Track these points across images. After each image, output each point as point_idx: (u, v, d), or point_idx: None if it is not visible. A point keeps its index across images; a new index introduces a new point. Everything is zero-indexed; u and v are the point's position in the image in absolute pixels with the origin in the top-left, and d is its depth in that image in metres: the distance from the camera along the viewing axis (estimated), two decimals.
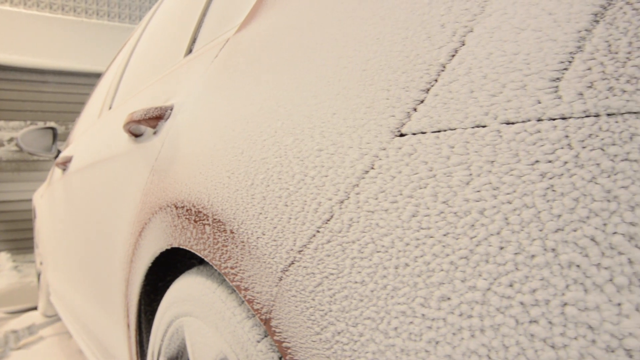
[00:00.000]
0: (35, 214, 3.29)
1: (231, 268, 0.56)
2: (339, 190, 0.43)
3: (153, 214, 0.84)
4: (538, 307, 0.28)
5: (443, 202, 0.34)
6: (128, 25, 6.94)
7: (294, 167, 0.49)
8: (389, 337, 0.36)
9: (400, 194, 0.37)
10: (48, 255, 2.51)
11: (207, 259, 0.62)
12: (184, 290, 0.74)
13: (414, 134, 0.38)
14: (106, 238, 1.19)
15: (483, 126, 0.34)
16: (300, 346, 0.45)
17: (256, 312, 0.51)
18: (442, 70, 0.38)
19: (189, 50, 1.07)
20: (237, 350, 0.58)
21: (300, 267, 0.45)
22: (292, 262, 0.46)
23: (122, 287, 1.05)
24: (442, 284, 0.33)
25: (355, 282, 0.39)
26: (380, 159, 0.40)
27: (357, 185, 0.41)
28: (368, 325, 0.38)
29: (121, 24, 6.89)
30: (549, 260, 0.28)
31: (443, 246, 0.33)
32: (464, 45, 0.37)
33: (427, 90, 0.38)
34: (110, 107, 1.71)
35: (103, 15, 6.79)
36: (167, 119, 0.93)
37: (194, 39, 1.07)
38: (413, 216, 0.36)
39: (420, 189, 0.36)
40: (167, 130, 0.89)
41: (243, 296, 0.54)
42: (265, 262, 0.50)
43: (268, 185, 0.52)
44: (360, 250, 0.39)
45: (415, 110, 0.39)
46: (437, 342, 0.33)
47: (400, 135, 0.39)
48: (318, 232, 0.44)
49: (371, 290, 0.38)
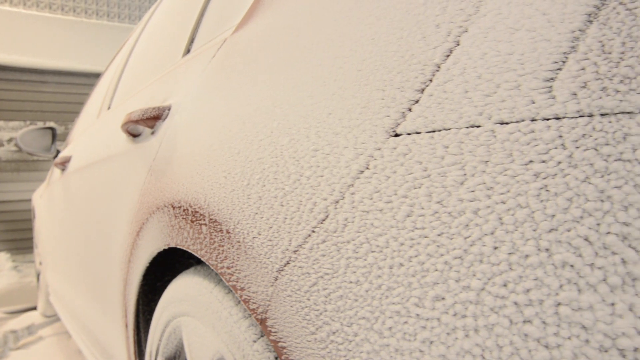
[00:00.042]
0: (34, 214, 3.29)
1: (227, 268, 0.56)
2: (334, 190, 0.43)
3: (150, 214, 0.83)
4: (532, 307, 0.28)
5: (437, 202, 0.34)
6: (127, 25, 6.94)
7: (290, 167, 0.49)
8: (384, 337, 0.36)
9: (395, 194, 0.37)
10: (47, 255, 2.51)
11: (203, 259, 0.62)
12: (181, 290, 0.74)
13: (408, 134, 0.38)
14: (105, 238, 1.19)
15: (477, 126, 0.34)
16: (296, 346, 0.45)
17: (252, 312, 0.51)
18: (437, 71, 0.38)
19: (187, 51, 1.07)
20: (233, 350, 0.58)
21: (295, 267, 0.45)
22: (288, 262, 0.46)
23: (121, 287, 1.05)
24: (437, 283, 0.33)
25: (350, 282, 0.39)
26: (375, 159, 0.40)
27: (352, 185, 0.41)
28: (363, 325, 0.38)
29: (121, 24, 6.88)
30: (542, 260, 0.28)
31: (437, 246, 0.33)
32: (458, 45, 0.37)
33: (422, 91, 0.38)
34: (109, 107, 1.71)
35: (103, 15, 6.79)
36: (164, 119, 0.92)
37: (192, 39, 1.07)
38: (407, 216, 0.36)
39: (414, 189, 0.36)
40: (165, 131, 0.89)
41: (239, 296, 0.54)
42: (261, 262, 0.50)
43: (264, 186, 0.52)
44: (355, 250, 0.39)
45: (410, 110, 0.39)
46: (431, 342, 0.33)
47: (395, 135, 0.39)
48: (313, 232, 0.44)
49: (366, 290, 0.38)
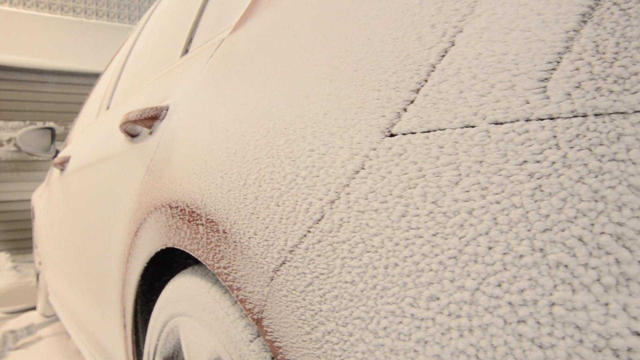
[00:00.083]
0: (34, 214, 3.29)
1: (224, 268, 0.56)
2: (329, 191, 0.43)
3: (148, 214, 0.83)
4: (526, 307, 0.28)
5: (432, 202, 0.34)
6: (127, 25, 6.94)
7: (286, 167, 0.49)
8: (379, 337, 0.36)
9: (390, 194, 0.37)
10: (47, 256, 2.51)
11: (200, 259, 0.62)
12: (178, 290, 0.74)
13: (404, 134, 0.38)
14: (103, 238, 1.19)
15: (472, 126, 0.34)
16: (291, 346, 0.45)
17: (248, 312, 0.51)
18: (432, 71, 0.38)
19: (185, 51, 1.07)
20: (230, 349, 0.58)
21: (291, 267, 0.45)
22: (284, 262, 0.46)
23: (119, 287, 1.05)
24: (431, 284, 0.33)
25: (345, 282, 0.39)
26: (370, 159, 0.40)
27: (347, 185, 0.41)
28: (358, 325, 0.38)
29: (120, 24, 6.89)
30: (537, 260, 0.28)
31: (432, 246, 0.33)
32: (453, 45, 0.37)
33: (417, 91, 0.38)
34: (108, 107, 1.71)
35: (102, 16, 6.79)
36: (162, 119, 0.92)
37: (190, 39, 1.07)
38: (402, 216, 0.36)
39: (409, 189, 0.36)
40: (163, 131, 0.89)
41: (235, 296, 0.54)
42: (257, 262, 0.50)
43: (260, 186, 0.52)
44: (350, 250, 0.39)
45: (405, 110, 0.39)
46: (426, 342, 0.33)
47: (390, 135, 0.39)
48: (309, 232, 0.44)
49: (361, 290, 0.38)
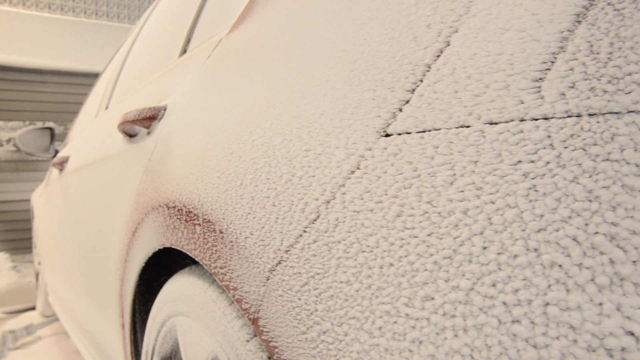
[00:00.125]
0: (33, 214, 3.29)
1: (220, 268, 0.56)
2: (325, 190, 0.43)
3: (146, 214, 0.83)
4: (520, 307, 0.28)
5: (427, 202, 0.34)
6: (127, 25, 6.94)
7: (282, 167, 0.49)
8: (374, 337, 0.36)
9: (386, 194, 0.37)
10: (46, 255, 2.51)
11: (197, 259, 0.62)
12: (176, 290, 0.74)
13: (399, 134, 0.38)
14: (102, 238, 1.19)
15: (467, 126, 0.34)
16: (287, 345, 0.45)
17: (244, 312, 0.51)
18: (428, 71, 0.38)
19: (184, 51, 1.07)
20: (227, 349, 0.58)
21: (287, 267, 0.45)
22: (279, 262, 0.46)
23: (117, 287, 1.05)
24: (426, 283, 0.33)
25: (341, 281, 0.39)
26: (366, 159, 0.40)
27: (343, 185, 0.41)
28: (353, 325, 0.38)
29: (120, 24, 6.89)
30: (531, 260, 0.28)
31: (427, 246, 0.33)
32: (449, 45, 0.37)
33: (413, 91, 0.38)
34: (107, 107, 1.71)
35: (102, 16, 6.79)
36: (160, 119, 0.92)
37: (188, 39, 1.07)
38: (398, 216, 0.36)
39: (405, 189, 0.36)
40: (161, 131, 0.89)
41: (232, 296, 0.54)
42: (253, 261, 0.50)
43: (256, 186, 0.52)
44: (345, 250, 0.39)
45: (400, 110, 0.39)
46: (420, 342, 0.33)
47: (385, 135, 0.39)
48: (305, 232, 0.44)
49: (356, 290, 0.38)
